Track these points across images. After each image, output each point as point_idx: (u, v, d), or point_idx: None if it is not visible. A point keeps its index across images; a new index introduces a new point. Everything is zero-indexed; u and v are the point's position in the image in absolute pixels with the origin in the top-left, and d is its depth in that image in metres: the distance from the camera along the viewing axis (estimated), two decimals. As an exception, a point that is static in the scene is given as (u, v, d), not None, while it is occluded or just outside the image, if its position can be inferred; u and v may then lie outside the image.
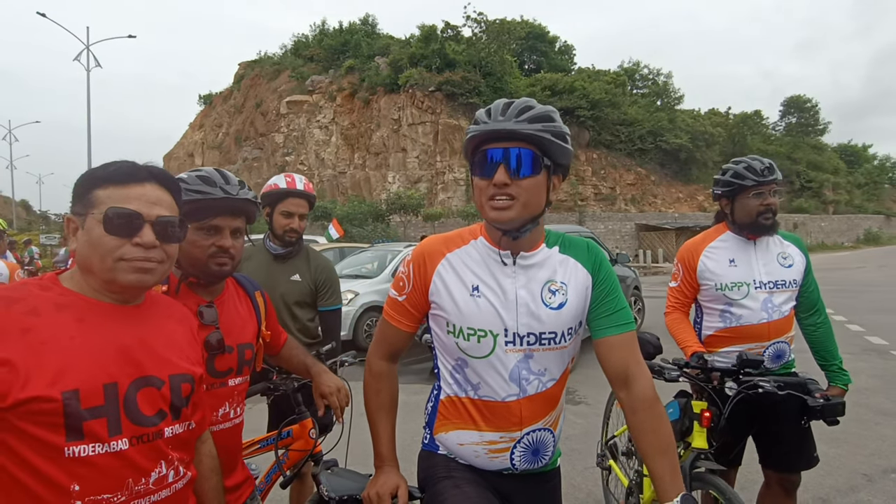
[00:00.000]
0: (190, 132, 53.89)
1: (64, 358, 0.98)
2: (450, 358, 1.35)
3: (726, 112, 44.33)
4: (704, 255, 2.29)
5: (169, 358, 1.13)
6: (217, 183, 1.46)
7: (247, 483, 1.65)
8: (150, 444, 1.06)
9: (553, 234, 1.38)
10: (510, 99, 1.27)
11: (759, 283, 2.18)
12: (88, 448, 0.98)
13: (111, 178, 1.09)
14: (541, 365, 1.29)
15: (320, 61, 43.96)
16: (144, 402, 1.06)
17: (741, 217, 2.19)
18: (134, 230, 1.06)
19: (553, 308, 1.28)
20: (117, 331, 1.07)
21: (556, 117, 1.25)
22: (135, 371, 1.06)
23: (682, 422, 2.07)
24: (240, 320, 1.58)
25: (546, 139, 1.21)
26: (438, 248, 1.35)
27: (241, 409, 1.59)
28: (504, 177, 1.19)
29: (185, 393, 1.14)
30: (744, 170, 2.15)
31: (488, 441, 1.31)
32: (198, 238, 1.45)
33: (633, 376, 1.27)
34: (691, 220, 30.00)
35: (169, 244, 1.11)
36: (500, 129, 1.20)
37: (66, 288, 1.08)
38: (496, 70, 34.22)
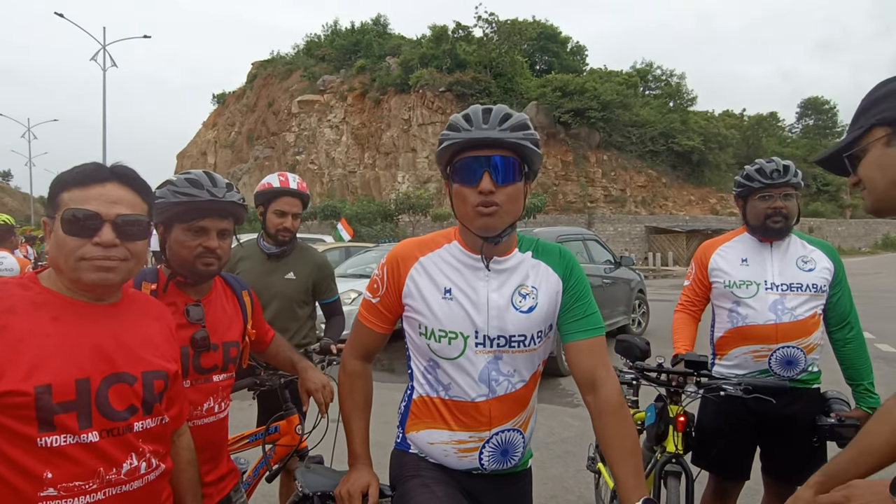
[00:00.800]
0: (203, 131, 54.45)
1: (38, 354, 1.03)
2: (422, 359, 1.38)
3: (741, 114, 43.86)
4: (717, 253, 2.29)
5: (142, 355, 1.17)
6: (204, 185, 1.51)
7: (231, 475, 1.70)
8: (121, 438, 1.10)
9: (526, 240, 1.41)
10: (486, 105, 1.30)
11: (770, 283, 2.14)
12: (60, 439, 1.03)
13: (74, 180, 1.12)
14: (510, 367, 1.32)
15: (332, 61, 44.20)
16: (116, 397, 1.10)
17: (751, 219, 2.18)
18: (92, 230, 1.09)
19: (523, 311, 1.32)
20: (92, 328, 1.12)
21: (530, 125, 1.29)
22: (107, 367, 1.10)
23: (657, 426, 2.07)
24: (226, 319, 1.63)
25: (527, 147, 1.24)
26: (412, 252, 1.39)
27: (226, 404, 1.64)
28: (490, 184, 1.22)
29: (158, 389, 1.18)
30: (754, 171, 2.13)
31: (458, 440, 1.34)
32: (185, 239, 1.49)
33: (600, 380, 1.28)
34: (703, 223, 29.68)
35: (132, 242, 1.13)
36: (485, 137, 1.22)
37: (45, 287, 1.12)
38: (507, 71, 34.17)
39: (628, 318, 8.28)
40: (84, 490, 1.05)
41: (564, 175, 32.02)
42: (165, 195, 1.49)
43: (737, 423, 2.12)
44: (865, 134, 0.96)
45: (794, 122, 49.61)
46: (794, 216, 2.13)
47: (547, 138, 32.18)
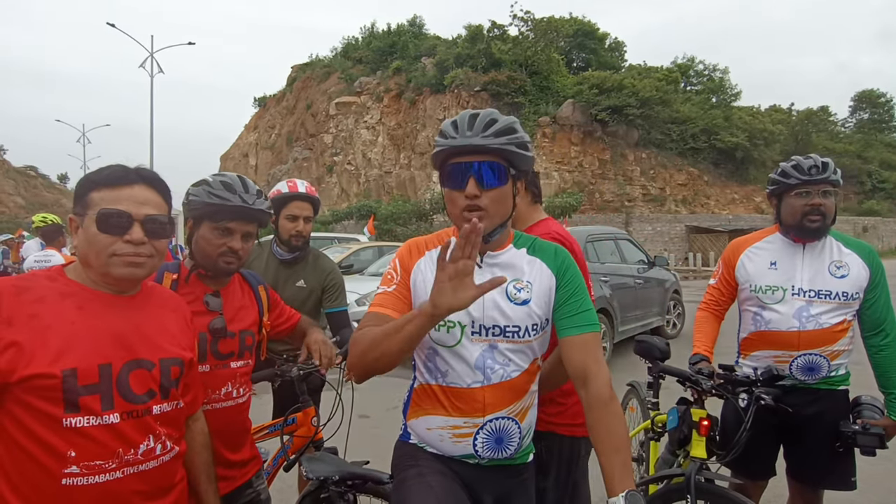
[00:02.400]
0: (245, 133, 56.07)
1: (65, 340, 1.12)
2: (423, 348, 1.43)
3: (789, 108, 42.05)
4: (745, 255, 2.23)
5: (160, 343, 1.26)
6: (237, 191, 1.62)
7: (254, 461, 1.80)
8: (140, 420, 1.19)
9: (524, 238, 1.48)
10: (474, 110, 1.35)
11: (797, 289, 2.08)
12: (84, 420, 1.12)
13: (104, 181, 1.22)
14: (505, 356, 1.37)
15: (368, 63, 44.74)
16: (135, 381, 1.19)
17: (787, 217, 2.10)
18: (124, 228, 1.19)
19: (517, 304, 1.37)
20: (114, 318, 1.21)
21: (518, 128, 1.34)
22: (128, 354, 1.19)
23: (680, 430, 2.02)
24: (242, 309, 1.74)
25: (511, 151, 1.31)
26: (421, 246, 1.49)
27: (246, 390, 1.74)
28: (475, 189, 1.30)
29: (175, 375, 1.27)
30: (791, 168, 2.08)
31: (452, 426, 1.37)
32: (212, 237, 1.61)
33: (591, 375, 1.31)
34: (746, 222, 28.58)
35: (157, 240, 1.24)
36: (468, 144, 1.29)
37: (70, 279, 1.22)
38: (543, 69, 33.79)
39: (662, 319, 8.08)
40: (104, 469, 1.13)
41: (601, 174, 31.45)
42: (200, 194, 1.60)
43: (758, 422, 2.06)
44: None
45: (848, 117, 47.22)
46: (832, 215, 2.04)
47: (583, 136, 31.70)
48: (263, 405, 2.59)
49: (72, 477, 1.10)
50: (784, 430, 2.13)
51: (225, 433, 1.62)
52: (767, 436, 2.12)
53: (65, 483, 1.10)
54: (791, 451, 2.17)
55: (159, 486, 1.23)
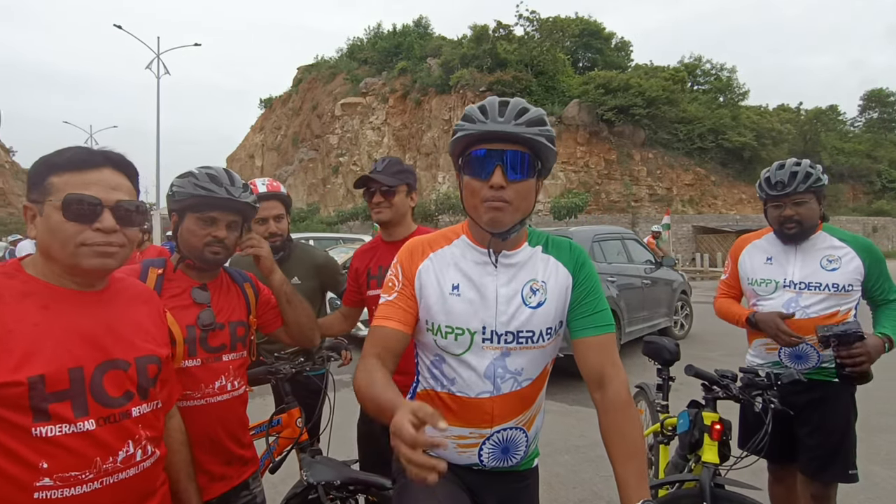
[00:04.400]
0: (251, 134, 56.27)
1: (29, 344, 1.03)
2: (428, 353, 1.36)
3: (797, 107, 41.69)
4: (746, 251, 2.38)
5: (134, 341, 1.18)
6: (223, 183, 1.59)
7: (252, 462, 1.74)
8: (117, 425, 1.11)
9: (536, 234, 1.39)
10: (503, 98, 1.25)
11: (788, 281, 2.20)
12: (55, 428, 1.03)
13: (67, 164, 1.11)
14: (517, 364, 1.29)
15: (374, 64, 44.81)
16: (111, 384, 1.11)
17: (771, 223, 2.27)
18: (94, 216, 1.09)
19: (532, 307, 1.29)
20: (82, 316, 1.12)
21: (547, 120, 1.25)
22: (100, 355, 1.11)
23: (691, 433, 1.96)
24: (231, 302, 1.70)
25: (542, 143, 1.22)
26: (422, 248, 1.38)
27: (241, 383, 1.69)
28: (502, 179, 1.20)
29: (152, 374, 1.20)
30: (763, 181, 2.22)
31: (457, 435, 1.31)
32: (196, 228, 1.58)
33: (608, 378, 1.25)
34: (754, 222, 28.34)
35: (129, 228, 1.14)
36: (500, 130, 1.19)
37: (30, 275, 1.12)
38: (548, 69, 33.70)
39: (670, 320, 8.00)
40: (80, 480, 1.05)
41: (608, 174, 31.31)
42: (185, 186, 1.57)
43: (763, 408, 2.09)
44: None
45: (857, 116, 46.76)
46: (810, 220, 2.14)
47: (589, 136, 31.58)
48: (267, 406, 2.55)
49: (45, 490, 1.02)
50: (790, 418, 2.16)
51: (221, 428, 1.59)
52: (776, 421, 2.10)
53: (37, 497, 1.01)
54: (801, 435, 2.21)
55: (141, 493, 1.16)
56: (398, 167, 2.19)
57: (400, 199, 2.16)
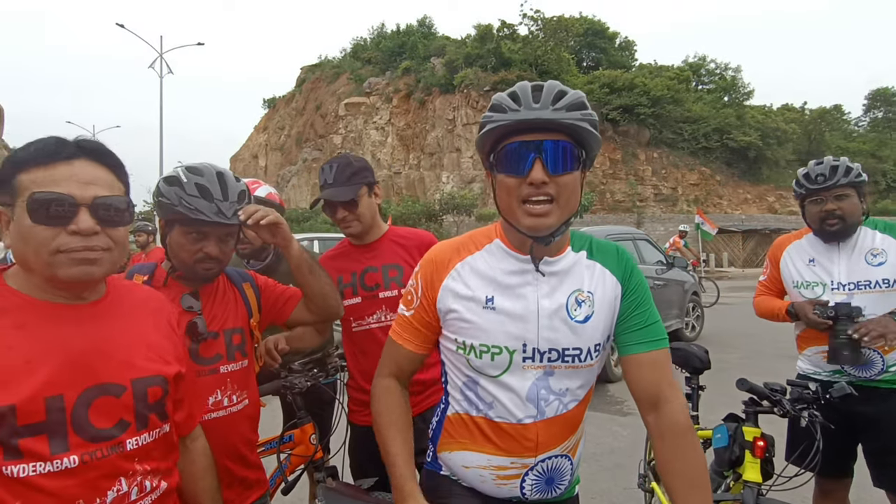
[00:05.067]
0: (255, 134, 56.21)
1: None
2: (460, 373, 1.22)
3: (802, 107, 41.45)
4: (787, 252, 2.28)
5: (132, 360, 1.02)
6: (214, 198, 1.40)
7: (258, 485, 1.59)
8: (106, 460, 0.96)
9: (579, 237, 1.23)
10: (537, 82, 1.10)
11: (836, 283, 2.09)
12: (28, 468, 0.89)
13: (33, 158, 0.95)
14: (562, 384, 1.16)
15: (378, 63, 44.73)
16: (99, 413, 0.96)
17: (810, 221, 2.16)
18: (67, 217, 0.93)
19: (579, 321, 1.14)
20: (66, 335, 0.97)
21: (588, 103, 1.09)
22: (87, 379, 0.96)
23: (731, 450, 1.84)
24: (227, 308, 1.54)
25: (585, 129, 1.06)
26: (448, 256, 1.22)
27: (240, 396, 1.51)
28: (542, 174, 1.04)
29: (154, 398, 1.04)
30: (802, 176, 2.13)
31: (497, 466, 1.18)
32: (185, 242, 1.43)
33: (665, 399, 1.12)
34: (760, 222, 28.18)
35: (113, 228, 0.98)
36: (537, 118, 1.03)
37: (11, 287, 0.97)
38: (552, 68, 33.56)
39: (681, 321, 7.88)
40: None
41: (612, 173, 31.15)
42: (171, 197, 1.39)
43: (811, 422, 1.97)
44: None
45: (861, 116, 46.45)
46: (852, 216, 2.05)
47: (594, 136, 31.45)
48: (275, 413, 2.43)
49: None
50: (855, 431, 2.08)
51: (222, 446, 1.42)
52: (836, 435, 2.01)
53: None
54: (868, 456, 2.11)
55: None
56: (350, 170, 1.92)
57: (364, 204, 1.92)
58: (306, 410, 2.09)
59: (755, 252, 26.61)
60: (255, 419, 1.59)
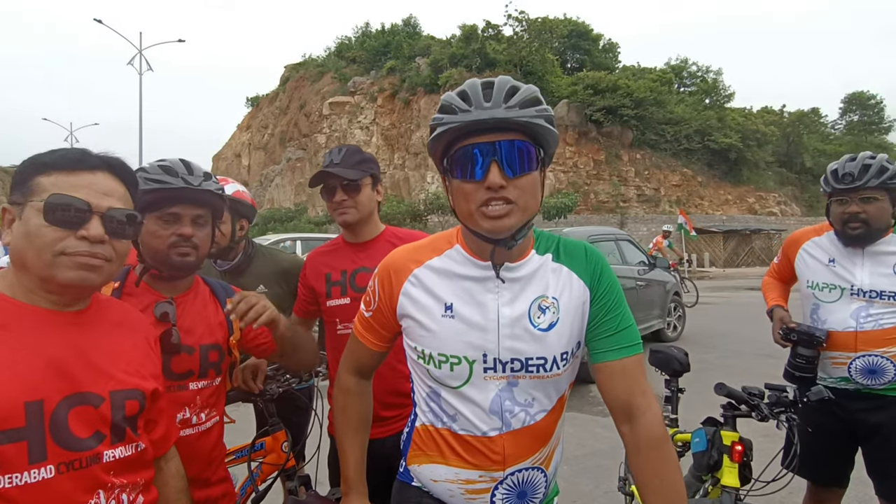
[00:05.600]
0: (237, 133, 55.52)
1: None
2: (423, 385, 1.19)
3: (780, 110, 42.15)
4: (804, 249, 2.15)
5: (112, 372, 1.01)
6: (179, 173, 1.40)
7: (224, 498, 1.53)
8: (84, 472, 0.94)
9: (546, 238, 1.17)
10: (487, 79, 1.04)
11: (856, 289, 1.97)
12: (4, 479, 0.86)
13: (57, 163, 0.99)
14: (527, 395, 1.11)
15: (362, 63, 44.48)
16: (78, 422, 0.94)
17: (833, 222, 2.02)
18: (80, 221, 0.96)
19: (542, 329, 1.09)
20: (50, 340, 0.96)
21: (542, 98, 1.04)
22: (67, 387, 0.94)
23: (709, 454, 1.83)
24: (205, 321, 1.47)
25: (541, 126, 1.01)
26: (406, 262, 1.18)
27: (209, 414, 1.46)
28: (500, 178, 0.99)
29: (131, 412, 1.02)
30: (829, 174, 1.98)
31: (465, 479, 1.14)
32: (157, 228, 1.38)
33: (638, 409, 1.07)
34: (740, 222, 28.62)
35: (119, 241, 1.02)
36: (490, 118, 0.98)
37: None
38: (537, 69, 33.69)
39: (663, 321, 7.93)
40: None
41: (596, 174, 31.36)
42: None
43: (824, 430, 1.96)
44: None
45: (838, 119, 47.42)
46: (878, 221, 1.91)
47: (578, 137, 31.62)
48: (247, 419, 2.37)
49: None
50: (856, 439, 2.01)
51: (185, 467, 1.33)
52: (835, 442, 1.99)
53: None
54: (869, 465, 2.03)
55: None
56: (359, 156, 1.89)
57: (366, 194, 1.87)
58: (279, 417, 2.02)
59: (736, 252, 27.03)
60: (221, 436, 1.54)
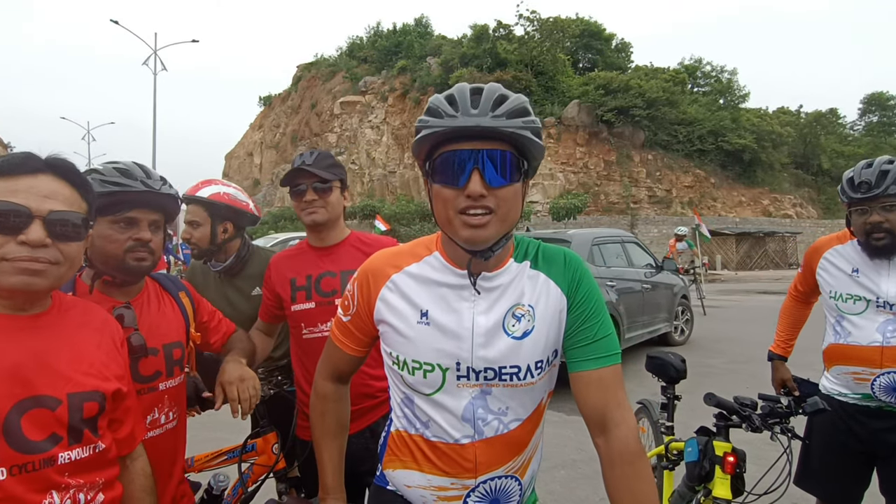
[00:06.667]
0: (250, 132, 55.96)
1: None
2: (398, 391, 1.19)
3: (797, 110, 41.58)
4: (826, 258, 2.04)
5: (69, 374, 1.02)
6: (137, 176, 1.38)
7: (184, 500, 1.53)
8: (36, 474, 0.95)
9: (526, 244, 1.16)
10: (476, 84, 1.03)
11: (882, 302, 1.86)
12: None
13: (1, 169, 0.99)
14: (501, 403, 1.09)
15: (373, 62, 44.60)
16: (31, 425, 0.95)
17: (854, 231, 1.92)
18: (18, 227, 0.96)
19: (516, 337, 1.07)
20: (6, 345, 0.97)
21: (531, 109, 1.02)
22: (21, 391, 0.95)
23: (700, 464, 1.78)
24: (164, 320, 1.47)
25: (526, 138, 1.00)
26: (384, 267, 1.17)
27: (175, 413, 1.47)
28: (481, 186, 0.98)
29: (89, 413, 1.03)
30: (846, 181, 1.87)
31: (437, 486, 1.13)
32: (112, 232, 1.35)
33: (613, 422, 1.05)
34: (754, 225, 28.26)
35: (66, 243, 1.01)
36: (475, 126, 0.97)
37: None
38: (548, 69, 33.56)
39: (670, 325, 7.83)
40: None
41: (607, 175, 31.15)
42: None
43: (839, 448, 1.88)
44: None
45: (857, 119, 46.63)
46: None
47: (589, 137, 31.43)
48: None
49: None
50: (873, 459, 1.91)
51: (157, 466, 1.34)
52: (850, 461, 1.92)
53: None
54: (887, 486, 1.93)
55: None
56: (330, 160, 1.93)
57: (335, 196, 1.91)
58: (270, 419, 2.01)
59: (748, 255, 26.67)
60: (185, 432, 1.55)
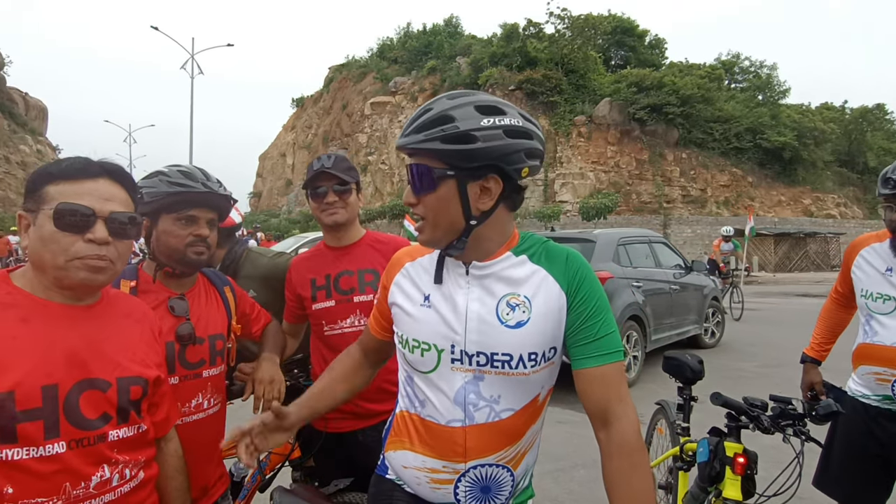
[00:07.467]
0: (283, 133, 57.15)
1: (2, 358, 0.99)
2: (403, 369, 1.27)
3: (841, 106, 39.92)
4: (862, 255, 2.02)
5: (118, 360, 1.13)
6: (198, 178, 1.53)
7: (221, 480, 1.66)
8: (91, 448, 1.06)
9: (529, 240, 1.21)
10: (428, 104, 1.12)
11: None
12: (22, 452, 0.99)
13: (63, 173, 1.09)
14: (493, 391, 1.13)
15: (403, 63, 44.96)
16: (87, 404, 1.06)
17: (888, 228, 1.90)
18: (86, 226, 1.06)
19: (509, 326, 1.12)
20: (65, 331, 1.08)
21: (455, 115, 1.05)
22: (79, 373, 1.06)
23: (711, 465, 1.76)
24: (210, 312, 1.61)
25: (434, 149, 1.06)
26: (403, 257, 1.30)
27: (218, 399, 1.60)
28: (409, 196, 1.14)
29: (135, 396, 1.14)
30: (880, 178, 1.87)
31: (430, 468, 1.18)
32: (175, 228, 1.51)
33: (614, 416, 1.08)
34: (794, 225, 27.26)
35: (121, 241, 1.12)
36: (397, 145, 1.14)
37: (16, 286, 1.09)
38: (579, 67, 33.17)
39: (700, 327, 7.66)
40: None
41: (639, 174, 30.59)
42: (156, 185, 1.50)
43: (860, 451, 1.86)
44: None
45: (906, 115, 44.50)
46: None
47: (620, 136, 30.94)
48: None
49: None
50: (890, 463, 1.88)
51: (196, 451, 1.48)
52: (869, 464, 1.89)
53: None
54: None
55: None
56: (347, 163, 2.00)
57: (353, 197, 1.99)
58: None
59: (788, 257, 25.74)
60: (224, 420, 1.66)
